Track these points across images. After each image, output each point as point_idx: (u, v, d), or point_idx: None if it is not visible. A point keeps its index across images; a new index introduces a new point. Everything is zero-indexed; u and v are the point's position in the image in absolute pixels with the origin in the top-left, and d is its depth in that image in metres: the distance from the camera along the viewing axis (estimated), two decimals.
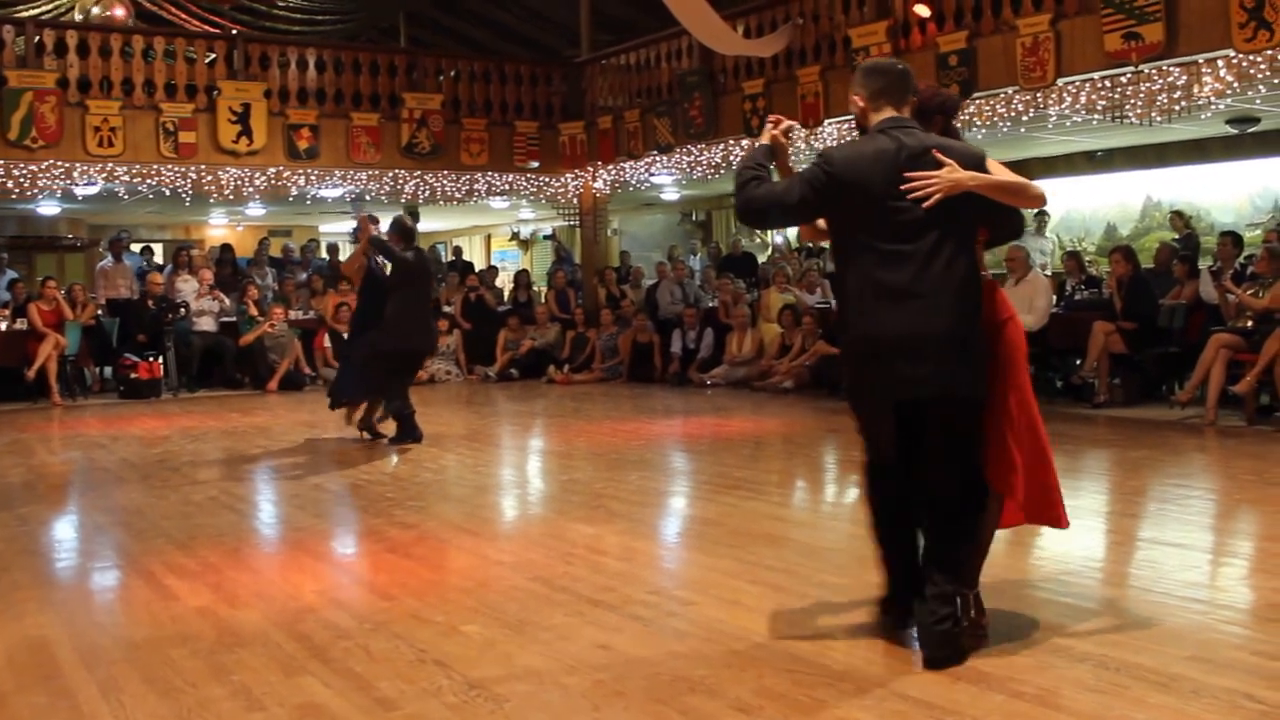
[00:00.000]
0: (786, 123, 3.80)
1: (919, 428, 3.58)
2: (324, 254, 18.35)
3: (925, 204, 3.42)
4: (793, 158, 4.22)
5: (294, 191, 14.39)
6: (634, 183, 15.33)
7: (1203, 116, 10.96)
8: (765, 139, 3.74)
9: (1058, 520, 3.74)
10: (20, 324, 12.54)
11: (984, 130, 11.06)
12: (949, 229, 3.47)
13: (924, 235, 3.45)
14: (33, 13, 16.14)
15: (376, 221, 9.30)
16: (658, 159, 14.28)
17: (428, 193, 15.04)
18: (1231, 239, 10.13)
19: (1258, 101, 10.57)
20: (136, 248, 17.41)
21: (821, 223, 3.78)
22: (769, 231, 17.44)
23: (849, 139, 11.67)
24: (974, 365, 3.53)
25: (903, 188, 3.44)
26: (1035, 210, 14.62)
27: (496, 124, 14.92)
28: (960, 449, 3.57)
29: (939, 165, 3.45)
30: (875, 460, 3.73)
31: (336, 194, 15.28)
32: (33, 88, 12.08)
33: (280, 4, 18.71)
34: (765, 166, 3.66)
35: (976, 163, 3.54)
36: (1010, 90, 10.24)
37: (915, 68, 11.89)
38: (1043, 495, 3.70)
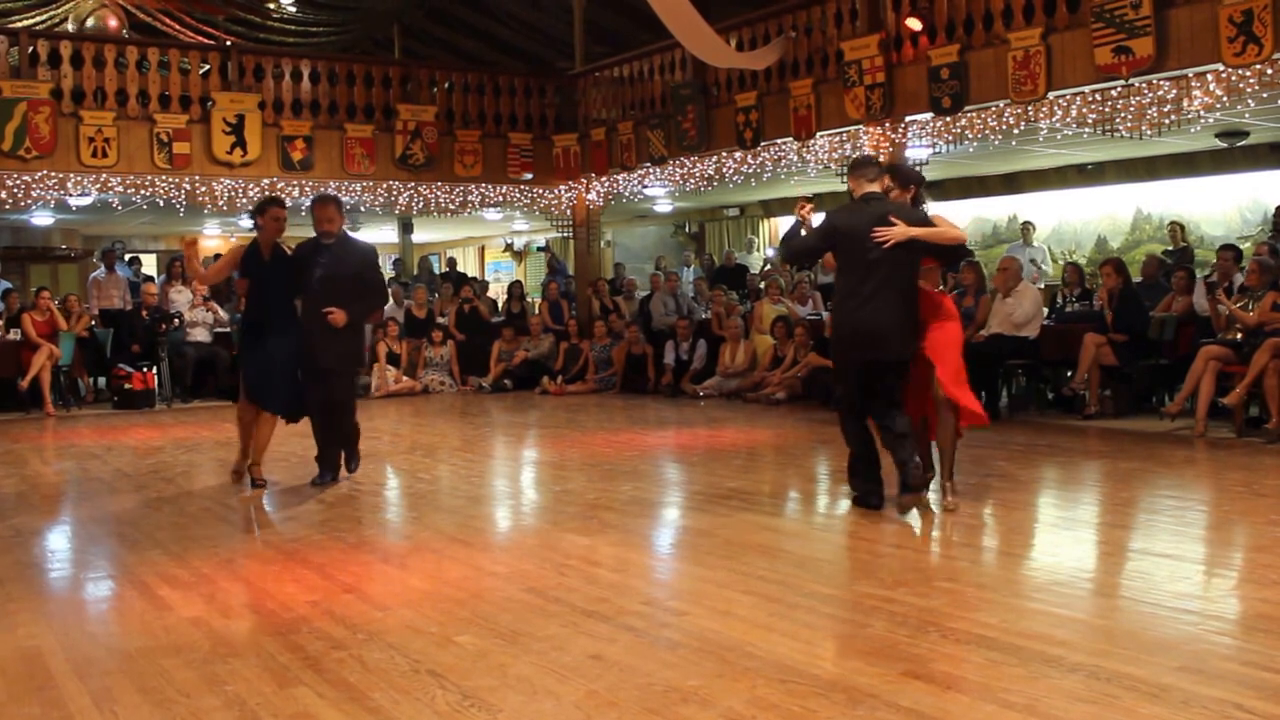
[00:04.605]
0: (809, 207, 6.16)
1: (875, 381, 5.91)
2: None
3: (885, 246, 5.76)
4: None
5: (288, 203, 14.38)
6: (627, 195, 15.37)
7: (1192, 130, 11.03)
8: (798, 216, 6.18)
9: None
10: (14, 334, 12.54)
11: (975, 143, 11.12)
12: (899, 260, 5.81)
13: (885, 263, 5.79)
14: (26, 23, 16.15)
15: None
16: (651, 171, 14.32)
17: (421, 204, 15.05)
18: (1233, 253, 10.12)
19: (1247, 115, 10.66)
20: (126, 259, 17.39)
21: (829, 258, 6.49)
22: (762, 245, 19.50)
23: (839, 154, 11.81)
24: (909, 339, 5.87)
25: (873, 235, 5.77)
26: (1020, 222, 15.12)
27: (490, 136, 14.93)
28: (898, 390, 5.93)
29: (893, 224, 5.76)
30: (848, 402, 6.08)
31: None
32: (26, 98, 12.07)
33: (274, 15, 18.75)
34: (798, 230, 6.20)
35: (920, 220, 5.88)
36: (1001, 103, 10.27)
37: (907, 81, 11.93)
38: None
